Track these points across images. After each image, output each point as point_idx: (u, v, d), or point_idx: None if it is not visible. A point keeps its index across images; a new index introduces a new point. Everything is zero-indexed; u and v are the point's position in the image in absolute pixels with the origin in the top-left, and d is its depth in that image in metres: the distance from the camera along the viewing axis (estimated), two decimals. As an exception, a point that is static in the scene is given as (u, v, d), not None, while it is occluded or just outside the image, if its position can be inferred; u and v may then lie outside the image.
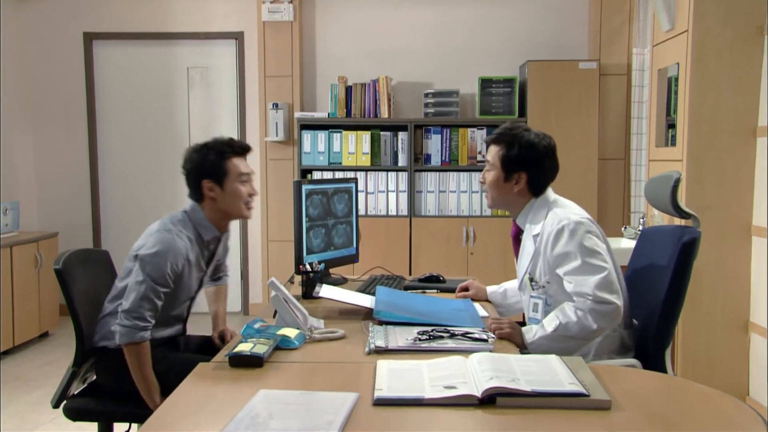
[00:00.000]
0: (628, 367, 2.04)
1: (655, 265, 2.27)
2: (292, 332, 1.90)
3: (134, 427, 2.40)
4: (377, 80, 4.97)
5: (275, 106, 5.09)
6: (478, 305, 2.40)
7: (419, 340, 1.86)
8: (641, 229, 3.82)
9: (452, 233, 4.87)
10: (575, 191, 3.24)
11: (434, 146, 4.94)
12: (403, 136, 4.92)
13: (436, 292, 2.67)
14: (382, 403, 1.43)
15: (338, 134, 4.95)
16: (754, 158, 3.38)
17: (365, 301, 2.29)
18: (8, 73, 5.13)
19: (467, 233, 4.86)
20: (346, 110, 5.00)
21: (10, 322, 4.38)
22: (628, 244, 3.94)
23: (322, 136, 4.96)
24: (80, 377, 2.32)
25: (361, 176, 4.90)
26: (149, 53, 5.44)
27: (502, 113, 4.89)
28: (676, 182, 2.23)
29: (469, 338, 1.87)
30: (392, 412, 1.41)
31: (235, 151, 2.30)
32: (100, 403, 2.26)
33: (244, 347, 1.73)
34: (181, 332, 2.43)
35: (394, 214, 4.93)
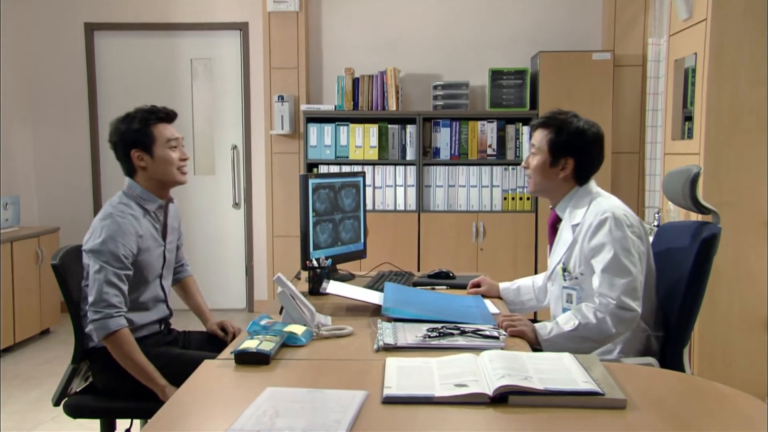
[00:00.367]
0: (644, 365, 2.04)
1: (672, 261, 2.26)
2: (299, 329, 1.90)
3: (136, 423, 2.41)
4: (385, 72, 4.97)
5: (281, 98, 5.09)
6: (488, 302, 2.39)
7: (429, 337, 1.86)
8: (656, 225, 3.80)
9: (462, 229, 4.86)
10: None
11: (443, 140, 4.93)
12: (411, 129, 4.92)
13: (445, 288, 2.67)
14: (391, 401, 1.43)
15: (345, 127, 4.95)
16: (773, 152, 3.36)
17: (373, 297, 2.29)
18: (7, 65, 5.15)
19: (477, 229, 4.86)
20: (353, 103, 5.00)
21: (10, 318, 4.41)
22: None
23: (328, 129, 4.96)
24: (81, 375, 2.33)
25: (368, 170, 4.90)
26: (152, 44, 5.45)
27: (513, 106, 4.88)
28: (695, 176, 2.21)
29: (480, 335, 1.87)
30: (401, 410, 1.40)
31: (159, 117, 2.32)
32: (100, 400, 2.26)
33: (250, 344, 1.73)
34: (167, 314, 2.43)
35: (402, 209, 4.93)
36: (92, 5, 5.39)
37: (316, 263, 2.51)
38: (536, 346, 2.00)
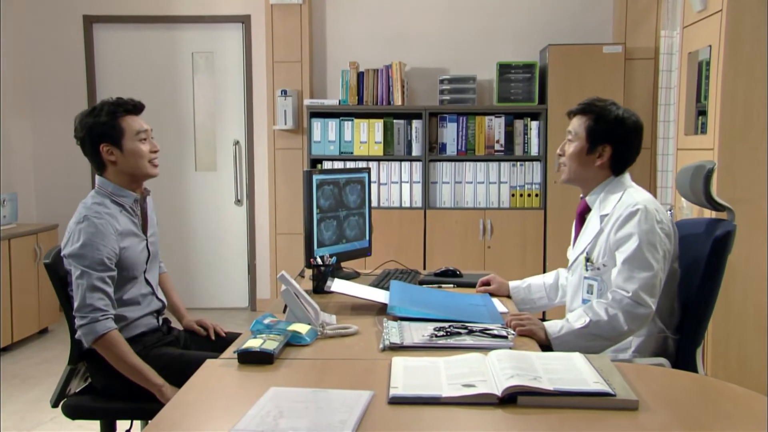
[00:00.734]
0: (656, 366, 2.03)
1: (685, 259, 2.25)
2: (303, 328, 1.90)
3: (136, 424, 2.42)
4: (390, 66, 4.96)
5: (284, 92, 5.09)
6: (496, 301, 2.39)
7: (436, 336, 1.86)
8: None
9: (468, 226, 4.86)
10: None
11: (450, 135, 4.92)
12: (417, 124, 4.91)
13: (452, 287, 2.67)
14: (397, 401, 1.43)
15: (349, 122, 4.95)
16: (790, 147, 3.35)
17: (379, 295, 2.29)
18: (4, 58, 5.16)
19: (484, 226, 4.85)
20: (357, 97, 5.00)
21: (8, 317, 4.43)
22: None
23: (332, 124, 4.96)
24: (80, 376, 2.33)
25: (373, 166, 4.90)
26: (152, 37, 5.46)
27: (521, 100, 4.87)
28: (709, 172, 2.21)
29: (488, 335, 1.87)
30: (408, 411, 1.41)
31: (126, 109, 2.29)
32: (99, 401, 2.27)
33: (253, 343, 1.74)
34: (161, 306, 2.43)
35: (407, 206, 4.93)
36: (91, -3, 5.40)
37: (320, 261, 2.52)
38: (546, 345, 2.00)
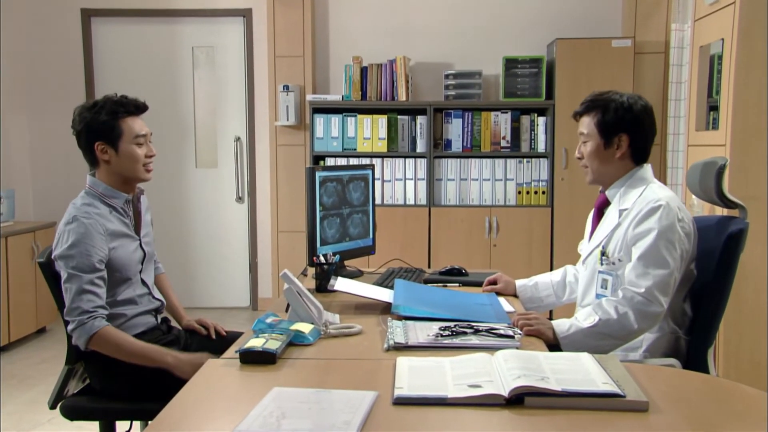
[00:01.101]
0: (666, 366, 2.03)
1: (697, 257, 2.25)
2: (306, 327, 1.90)
3: (136, 425, 2.42)
4: (394, 60, 4.96)
5: (286, 88, 5.09)
6: (503, 300, 2.39)
7: (441, 336, 1.86)
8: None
9: (474, 224, 4.86)
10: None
11: (455, 131, 4.92)
12: (421, 120, 4.91)
13: (458, 286, 2.67)
14: (402, 402, 1.44)
15: (353, 118, 4.95)
16: (803, 143, 3.34)
17: (383, 294, 2.29)
18: (1, 52, 5.17)
19: (490, 224, 4.85)
20: (361, 93, 5.00)
21: (5, 316, 4.44)
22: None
23: (335, 120, 4.96)
24: (78, 376, 2.34)
25: (377, 163, 4.90)
26: (151, 31, 5.47)
27: (527, 96, 4.87)
28: (721, 169, 2.20)
29: (494, 334, 1.87)
30: (413, 411, 1.41)
31: (128, 110, 2.27)
32: (97, 401, 2.27)
33: (255, 343, 1.74)
34: (159, 305, 2.43)
35: (412, 203, 4.93)
36: (90, -9, 5.41)
37: (323, 259, 2.52)
38: (554, 344, 2.00)
